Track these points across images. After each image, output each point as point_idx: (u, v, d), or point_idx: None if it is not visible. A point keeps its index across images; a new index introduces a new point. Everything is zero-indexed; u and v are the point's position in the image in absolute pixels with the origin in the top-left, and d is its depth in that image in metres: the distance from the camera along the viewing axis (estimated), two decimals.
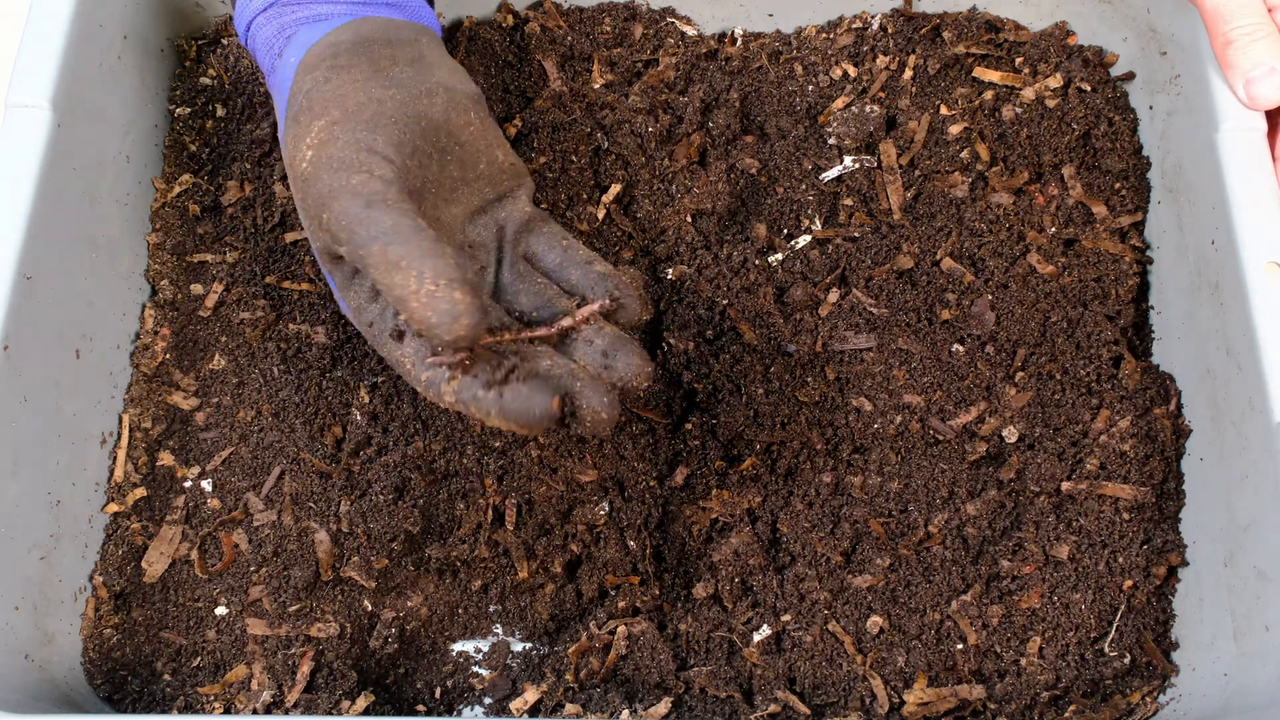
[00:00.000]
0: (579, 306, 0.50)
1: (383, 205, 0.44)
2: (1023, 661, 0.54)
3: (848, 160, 0.65)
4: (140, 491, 0.58)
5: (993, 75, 0.65)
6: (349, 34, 0.52)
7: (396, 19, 0.54)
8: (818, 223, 0.64)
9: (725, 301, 0.61)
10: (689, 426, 0.59)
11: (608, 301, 0.49)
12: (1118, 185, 0.63)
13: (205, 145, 0.66)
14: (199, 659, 0.55)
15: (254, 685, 0.54)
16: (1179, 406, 0.58)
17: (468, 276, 0.44)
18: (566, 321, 0.49)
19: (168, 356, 0.61)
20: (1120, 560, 0.55)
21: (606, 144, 0.65)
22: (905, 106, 0.65)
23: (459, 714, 0.55)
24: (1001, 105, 0.65)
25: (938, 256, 0.62)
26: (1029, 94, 0.64)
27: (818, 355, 0.60)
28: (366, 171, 0.45)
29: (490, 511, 0.57)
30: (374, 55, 0.51)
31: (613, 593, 0.57)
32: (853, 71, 0.67)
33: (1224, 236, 0.54)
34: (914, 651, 0.54)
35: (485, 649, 0.57)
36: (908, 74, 0.66)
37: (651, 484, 0.58)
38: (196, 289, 0.63)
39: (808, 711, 0.53)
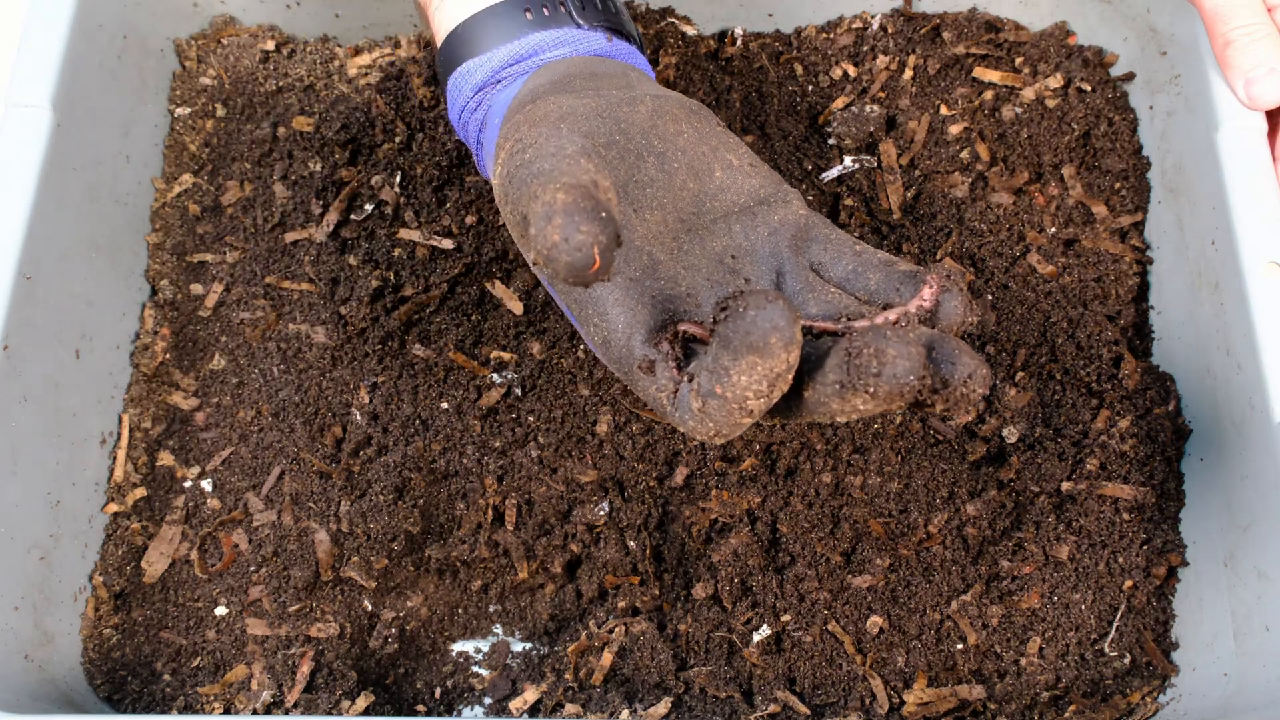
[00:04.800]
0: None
1: (558, 132, 0.41)
2: (1023, 661, 0.54)
3: (848, 160, 0.65)
4: (140, 491, 0.58)
5: (993, 75, 0.65)
6: (545, 76, 0.48)
7: (601, 56, 0.50)
8: None
9: None
10: None
11: (925, 300, 0.40)
12: (1118, 185, 0.63)
13: (205, 145, 0.66)
14: (199, 659, 0.55)
15: (254, 685, 0.54)
16: (1179, 406, 0.58)
17: (601, 185, 0.38)
18: (862, 323, 0.39)
19: (168, 356, 0.61)
20: (1120, 560, 0.55)
21: None
22: (905, 106, 0.65)
23: (459, 714, 0.55)
24: (1001, 105, 0.65)
25: (938, 256, 0.62)
26: (1029, 94, 0.65)
27: None
28: (555, 136, 0.42)
29: (490, 511, 0.57)
30: (573, 86, 0.47)
31: (613, 593, 0.57)
32: (853, 71, 0.67)
33: (1224, 236, 0.54)
34: (914, 651, 0.54)
35: (485, 649, 0.57)
36: (908, 74, 0.66)
37: (651, 484, 0.58)
38: (196, 289, 0.63)
39: (807, 711, 0.53)
